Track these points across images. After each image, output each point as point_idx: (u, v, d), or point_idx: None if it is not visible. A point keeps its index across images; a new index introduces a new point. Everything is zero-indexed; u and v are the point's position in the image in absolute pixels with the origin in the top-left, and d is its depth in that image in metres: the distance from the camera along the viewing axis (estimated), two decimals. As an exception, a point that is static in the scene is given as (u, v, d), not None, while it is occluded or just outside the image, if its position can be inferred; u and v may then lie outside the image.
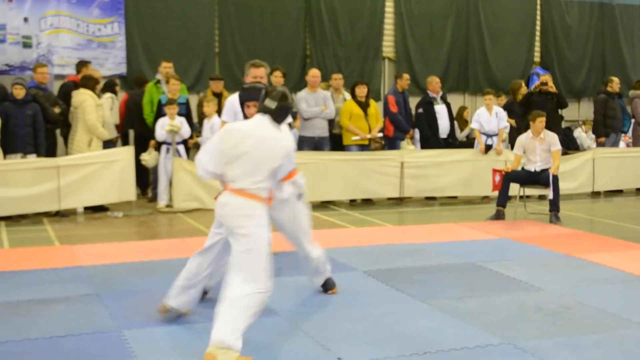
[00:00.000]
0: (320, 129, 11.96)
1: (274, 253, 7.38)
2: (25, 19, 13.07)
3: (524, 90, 13.32)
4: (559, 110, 13.42)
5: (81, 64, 12.05)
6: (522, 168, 10.62)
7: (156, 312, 5.95)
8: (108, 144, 11.50)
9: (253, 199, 4.95)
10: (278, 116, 5.07)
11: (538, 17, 16.55)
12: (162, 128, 11.25)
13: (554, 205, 10.28)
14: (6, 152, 10.47)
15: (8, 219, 10.15)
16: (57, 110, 11.03)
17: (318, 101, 11.90)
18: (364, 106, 12.12)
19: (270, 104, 5.06)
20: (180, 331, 5.59)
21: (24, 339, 5.39)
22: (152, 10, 13.73)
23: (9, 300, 6.34)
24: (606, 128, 13.68)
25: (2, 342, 5.32)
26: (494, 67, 16.10)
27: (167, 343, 5.34)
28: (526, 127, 10.91)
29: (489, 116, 12.41)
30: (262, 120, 5.08)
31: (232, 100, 6.88)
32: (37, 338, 5.40)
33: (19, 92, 10.59)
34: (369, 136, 12.04)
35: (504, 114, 12.51)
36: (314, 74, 12.19)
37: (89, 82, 11.27)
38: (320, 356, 5.06)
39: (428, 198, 12.46)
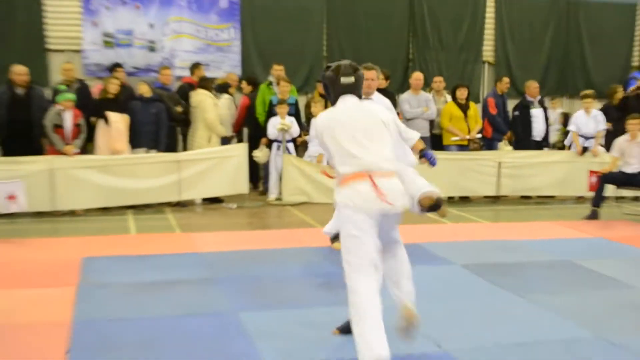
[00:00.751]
0: (422, 129, 11.92)
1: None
2: (151, 25, 13.35)
3: (620, 94, 13.01)
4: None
5: (194, 66, 12.35)
6: (619, 170, 10.41)
7: (269, 296, 6.10)
8: (225, 141, 11.77)
9: None
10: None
11: (637, 23, 16.08)
12: (273, 127, 11.46)
13: (650, 206, 10.06)
14: (133, 147, 10.80)
15: (134, 208, 10.50)
16: (179, 109, 11.31)
17: (420, 103, 11.92)
18: (464, 108, 12.08)
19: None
20: (292, 316, 5.71)
21: (150, 316, 5.61)
22: (266, 17, 13.90)
23: (137, 281, 6.60)
24: None
25: (132, 319, 5.58)
26: (593, 72, 15.73)
27: (281, 326, 5.43)
28: (623, 131, 10.70)
29: (586, 119, 12.17)
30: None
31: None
32: (162, 316, 5.62)
33: (146, 91, 10.93)
34: (468, 137, 12.00)
35: (602, 117, 12.23)
36: (416, 77, 12.21)
37: (206, 83, 11.56)
38: (422, 343, 5.11)
39: (524, 197, 12.31)
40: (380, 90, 12.15)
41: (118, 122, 10.53)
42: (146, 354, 4.85)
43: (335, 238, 8.00)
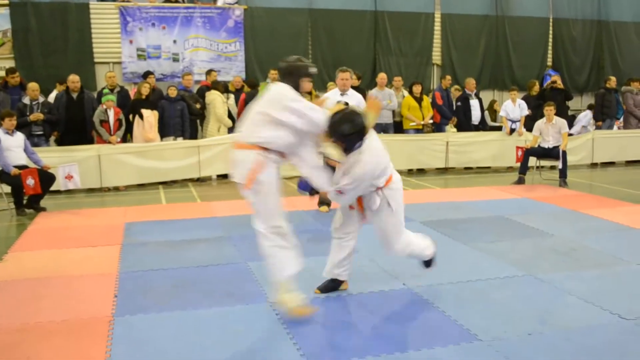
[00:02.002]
0: (386, 118, 11.92)
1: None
2: (174, 41, 13.30)
3: (537, 87, 13.01)
4: (566, 102, 13.10)
5: (208, 73, 12.22)
6: (539, 145, 10.37)
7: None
8: (231, 130, 11.63)
9: None
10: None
11: (550, 31, 16.03)
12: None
13: (563, 173, 10.03)
14: (162, 136, 10.71)
15: (164, 184, 10.42)
16: (198, 106, 11.21)
17: (385, 97, 11.83)
18: (419, 100, 11.99)
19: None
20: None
21: (179, 266, 5.58)
22: (263, 33, 13.82)
23: (168, 240, 6.55)
24: (603, 115, 13.34)
25: (165, 269, 5.52)
26: (516, 71, 15.70)
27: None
28: (541, 115, 10.68)
29: (513, 107, 12.12)
30: None
31: (329, 96, 7.28)
32: (188, 266, 5.58)
33: (172, 93, 10.82)
34: (422, 122, 11.95)
35: (524, 105, 12.21)
36: (381, 76, 12.10)
37: (218, 86, 11.43)
38: (390, 282, 5.09)
39: (466, 168, 12.29)
40: (354, 88, 12.16)
41: (149, 116, 10.43)
42: (177, 295, 4.81)
43: (322, 203, 7.98)
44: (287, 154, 4.30)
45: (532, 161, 10.55)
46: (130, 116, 10.59)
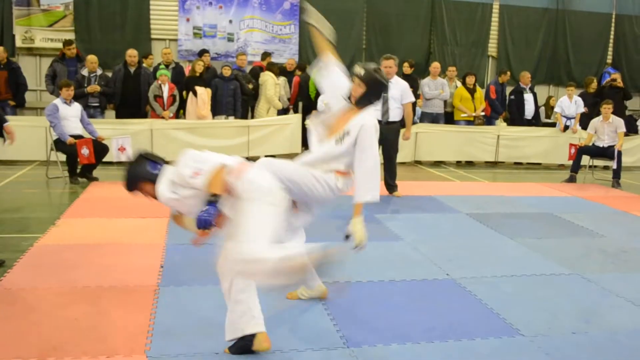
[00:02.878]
0: (438, 107, 11.82)
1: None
2: (230, 21, 13.35)
3: (594, 84, 12.67)
4: (625, 102, 12.72)
5: (265, 54, 12.30)
6: (593, 144, 10.11)
7: (314, 230, 6.07)
8: (281, 112, 11.69)
9: None
10: None
11: (612, 27, 15.54)
12: (321, 101, 11.30)
13: (617, 174, 9.77)
14: (214, 114, 10.81)
15: (214, 161, 10.52)
16: (250, 86, 11.29)
17: (437, 86, 11.71)
18: (472, 92, 11.86)
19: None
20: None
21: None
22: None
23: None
24: (661, 116, 12.99)
25: (209, 244, 5.57)
26: (574, 66, 15.28)
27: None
28: (597, 113, 10.40)
29: (569, 103, 11.85)
30: None
31: None
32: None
33: (227, 72, 10.90)
34: (474, 114, 11.82)
35: (581, 102, 11.92)
36: (435, 66, 12.00)
37: (272, 67, 11.49)
38: (434, 272, 5.05)
39: (516, 163, 12.08)
40: (405, 76, 12.10)
41: (202, 94, 10.55)
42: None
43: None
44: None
45: (585, 160, 10.30)
46: (184, 93, 10.75)
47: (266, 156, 10.98)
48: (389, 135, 7.74)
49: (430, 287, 4.68)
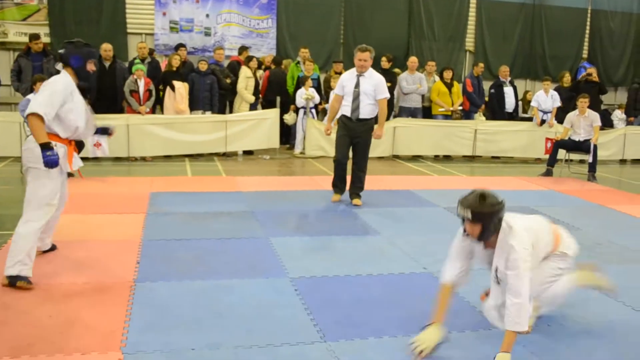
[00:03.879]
0: (415, 102, 11.86)
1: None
2: (207, 15, 13.26)
3: (567, 79, 12.79)
4: (600, 96, 12.86)
5: (242, 49, 12.24)
6: (569, 138, 10.21)
7: (293, 226, 6.09)
8: (252, 106, 11.55)
9: None
10: None
11: (588, 23, 15.71)
12: (300, 97, 11.33)
13: (592, 168, 9.88)
14: (191, 109, 10.73)
15: (191, 157, 10.47)
16: (228, 81, 11.23)
17: (415, 81, 11.75)
18: (449, 86, 11.91)
19: None
20: (311, 241, 5.69)
21: (201, 238, 5.62)
22: (296, 11, 13.71)
23: (192, 212, 6.59)
24: (635, 111, 13.14)
25: (187, 239, 5.57)
26: (550, 61, 15.43)
27: (302, 248, 5.44)
28: (573, 107, 10.50)
29: (545, 97, 11.93)
30: None
31: (343, 77, 7.23)
32: (211, 238, 5.62)
33: (203, 66, 10.83)
34: (451, 109, 11.87)
35: (557, 96, 12.01)
36: (412, 60, 12.01)
37: (249, 62, 11.43)
38: (412, 266, 5.07)
39: (494, 157, 12.15)
40: (384, 71, 12.12)
41: (180, 88, 10.49)
42: (198, 265, 4.86)
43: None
44: None
45: (562, 154, 10.40)
46: (161, 88, 10.66)
47: (244, 151, 11.04)
48: (360, 135, 7.09)
49: (407, 281, 4.70)
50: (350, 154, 7.28)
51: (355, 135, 7.10)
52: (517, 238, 3.42)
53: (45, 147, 4.10)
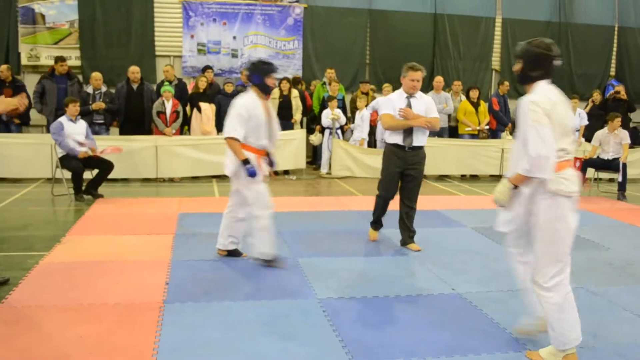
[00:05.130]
0: (442, 122, 11.76)
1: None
2: (234, 37, 13.44)
3: (597, 97, 12.67)
4: (629, 114, 12.73)
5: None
6: (597, 156, 10.10)
7: (321, 246, 6.09)
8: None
9: None
10: None
11: (615, 39, 15.58)
12: (326, 117, 11.39)
13: (622, 186, 9.75)
14: (219, 130, 10.79)
15: (218, 177, 10.52)
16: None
17: (441, 100, 11.73)
18: (476, 105, 11.87)
19: None
20: (338, 262, 5.68)
21: (229, 259, 5.63)
22: (322, 32, 13.83)
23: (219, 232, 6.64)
24: (666, 128, 12.99)
25: (215, 260, 5.59)
26: (577, 79, 15.30)
27: (330, 269, 5.42)
28: (601, 125, 10.40)
29: (572, 116, 11.85)
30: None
31: (392, 98, 6.22)
32: (238, 259, 5.64)
33: (229, 88, 10.98)
34: (478, 128, 11.82)
35: (584, 115, 11.92)
36: (438, 80, 12.05)
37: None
38: (439, 286, 5.04)
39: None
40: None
41: (207, 109, 10.62)
42: (225, 286, 4.87)
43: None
44: None
45: (590, 172, 10.28)
46: (188, 109, 10.80)
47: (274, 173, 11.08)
48: (413, 166, 6.13)
49: (436, 302, 4.67)
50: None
51: (407, 167, 6.12)
52: (534, 95, 3.54)
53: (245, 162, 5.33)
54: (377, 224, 6.57)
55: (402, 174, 6.16)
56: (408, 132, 6.04)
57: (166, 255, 5.71)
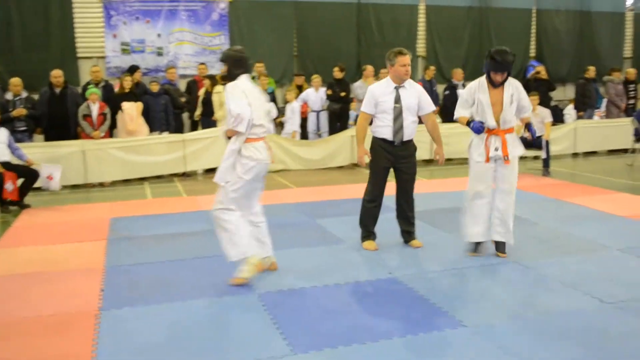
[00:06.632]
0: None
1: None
2: (159, 35, 13.15)
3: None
4: (549, 93, 13.20)
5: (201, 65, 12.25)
6: (522, 136, 10.42)
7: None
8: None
9: None
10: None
11: (534, 22, 16.10)
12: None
13: (546, 163, 10.14)
14: (150, 131, 10.65)
15: (150, 179, 10.35)
16: (183, 99, 11.20)
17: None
18: (404, 92, 12.06)
19: None
20: (277, 255, 5.69)
21: (165, 260, 5.58)
22: (248, 26, 13.72)
23: (154, 234, 6.54)
24: (584, 105, 13.49)
25: (152, 262, 5.52)
26: (500, 61, 15.71)
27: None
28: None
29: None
30: None
31: (374, 91, 5.72)
32: (174, 260, 5.59)
33: (154, 87, 10.81)
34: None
35: (508, 96, 12.28)
36: (368, 68, 12.26)
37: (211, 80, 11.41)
38: (378, 272, 5.11)
39: (448, 159, 12.23)
40: (337, 80, 12.22)
41: (129, 109, 10.37)
42: (164, 287, 4.82)
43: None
44: None
45: (516, 151, 10.61)
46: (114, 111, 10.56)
47: (205, 170, 10.93)
48: (405, 161, 5.77)
49: (373, 287, 4.75)
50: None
51: (398, 163, 5.76)
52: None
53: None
54: (371, 232, 5.97)
55: (393, 169, 5.81)
56: (399, 126, 5.61)
57: (100, 261, 5.59)
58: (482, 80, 5.52)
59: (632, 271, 5.03)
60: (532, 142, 10.21)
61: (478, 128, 5.34)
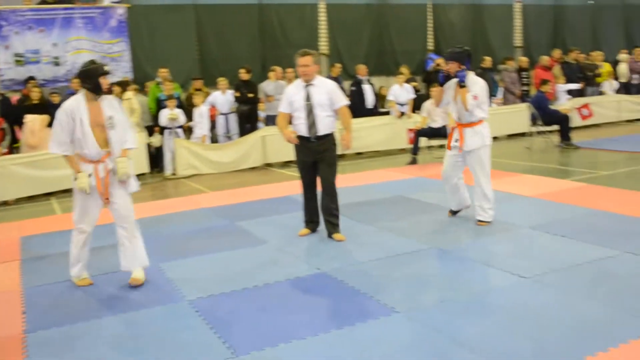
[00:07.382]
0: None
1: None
2: (54, 44, 12.60)
3: (406, 72, 13.56)
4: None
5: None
6: (428, 126, 10.81)
7: (179, 249, 5.99)
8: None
9: None
10: None
11: (430, 18, 16.62)
12: (164, 117, 11.14)
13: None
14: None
15: (57, 194, 9.89)
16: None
17: (278, 88, 11.93)
18: (311, 90, 12.19)
19: None
20: (200, 261, 5.64)
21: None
22: (148, 31, 13.34)
23: (68, 251, 6.27)
24: (483, 93, 14.07)
25: (70, 280, 5.30)
26: (400, 56, 16.07)
27: (191, 268, 5.39)
28: (428, 96, 11.12)
29: (400, 90, 12.55)
30: None
31: (288, 91, 6.08)
32: (96, 275, 5.40)
33: (55, 99, 10.40)
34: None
35: (411, 88, 12.66)
36: (275, 69, 12.27)
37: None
38: (307, 268, 5.16)
39: (358, 153, 12.50)
40: (244, 82, 12.18)
41: (31, 122, 9.91)
42: (88, 305, 4.65)
43: None
44: None
45: (423, 141, 10.98)
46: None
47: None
48: (323, 153, 5.98)
49: (304, 284, 4.79)
50: None
51: (317, 156, 5.98)
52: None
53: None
54: (312, 222, 6.26)
55: (314, 163, 6.01)
56: (311, 122, 5.81)
57: (16, 283, 5.32)
58: None
59: (544, 247, 5.34)
60: (439, 131, 10.64)
61: None
